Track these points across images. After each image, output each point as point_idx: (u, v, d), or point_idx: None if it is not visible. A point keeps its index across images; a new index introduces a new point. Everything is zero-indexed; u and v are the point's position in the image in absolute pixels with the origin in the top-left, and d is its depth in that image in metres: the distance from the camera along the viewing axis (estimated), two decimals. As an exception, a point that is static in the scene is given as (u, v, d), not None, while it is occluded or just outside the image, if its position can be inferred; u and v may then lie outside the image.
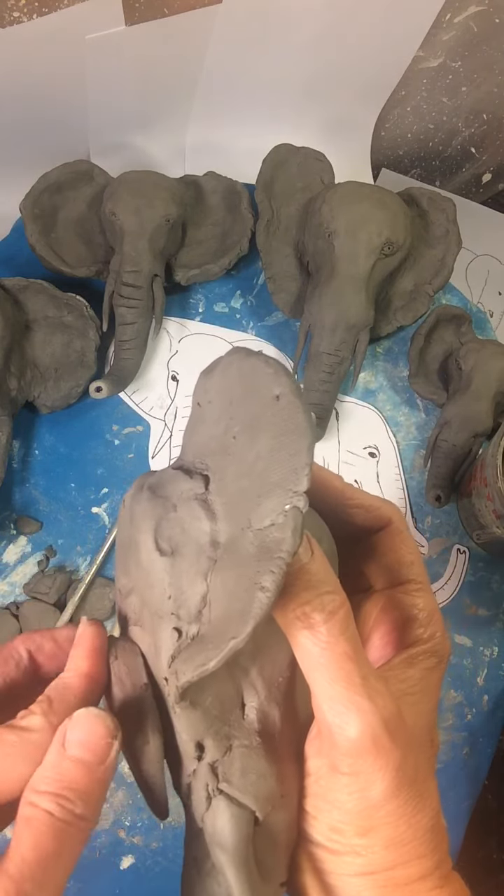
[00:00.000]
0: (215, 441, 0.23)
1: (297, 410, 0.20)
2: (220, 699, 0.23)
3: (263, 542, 0.20)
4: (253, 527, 0.20)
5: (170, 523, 0.23)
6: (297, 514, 0.19)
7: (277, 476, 0.20)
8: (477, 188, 0.83)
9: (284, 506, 0.20)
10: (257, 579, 0.19)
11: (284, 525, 0.19)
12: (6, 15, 0.50)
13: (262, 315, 0.65)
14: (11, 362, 0.56)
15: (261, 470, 0.21)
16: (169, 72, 0.61)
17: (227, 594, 0.20)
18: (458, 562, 0.61)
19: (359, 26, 0.60)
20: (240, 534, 0.21)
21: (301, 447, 0.20)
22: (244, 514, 0.21)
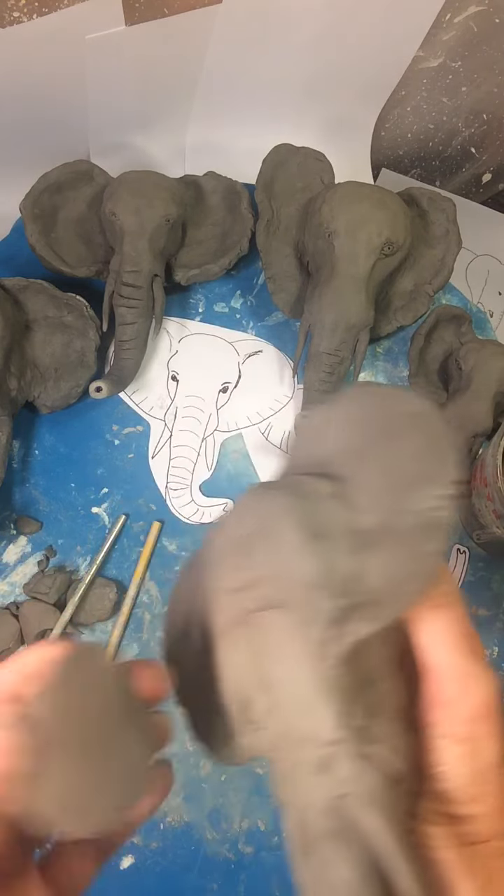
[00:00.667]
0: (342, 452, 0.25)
1: (440, 422, 0.23)
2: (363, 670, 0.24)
3: (426, 520, 0.22)
4: (409, 510, 0.23)
5: (311, 513, 0.24)
6: (452, 501, 0.23)
7: (431, 469, 0.23)
8: (477, 188, 0.83)
9: (442, 491, 0.22)
10: (427, 546, 0.22)
11: (440, 509, 0.22)
12: (6, 15, 0.50)
13: (262, 315, 0.65)
14: (11, 362, 0.56)
15: (405, 469, 0.23)
16: (169, 72, 0.61)
17: (385, 568, 0.23)
18: (458, 562, 0.61)
19: (359, 26, 0.60)
20: (393, 518, 0.23)
21: (447, 447, 0.23)
22: (396, 502, 0.23)
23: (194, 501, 0.60)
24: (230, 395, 0.63)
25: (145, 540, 0.59)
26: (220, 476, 0.61)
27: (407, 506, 0.23)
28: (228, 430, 0.62)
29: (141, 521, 0.59)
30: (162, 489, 0.60)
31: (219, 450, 0.62)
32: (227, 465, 0.61)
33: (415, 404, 0.24)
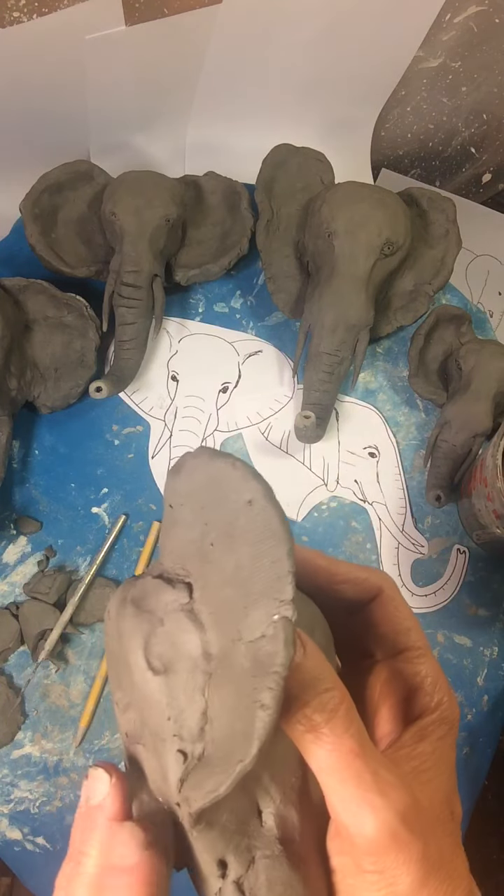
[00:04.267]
0: (193, 546, 0.22)
1: (272, 516, 0.20)
2: (236, 812, 0.22)
3: (257, 655, 0.19)
4: (244, 639, 0.20)
5: (158, 639, 0.22)
6: (288, 625, 0.19)
7: (261, 585, 0.20)
8: (477, 188, 0.83)
9: (273, 616, 0.19)
10: (256, 696, 0.19)
11: (276, 637, 0.19)
12: (6, 15, 0.50)
13: (261, 315, 0.65)
14: (11, 362, 0.56)
15: (243, 579, 0.20)
16: (169, 72, 0.61)
17: (227, 711, 0.20)
18: (458, 562, 0.61)
19: (359, 26, 0.60)
20: (231, 646, 0.20)
21: (280, 554, 0.20)
22: (233, 624, 0.20)
23: (194, 501, 0.60)
24: (230, 395, 0.63)
25: (145, 540, 0.59)
26: (220, 476, 0.61)
27: (243, 631, 0.20)
28: (228, 430, 0.62)
29: (141, 521, 0.59)
30: (162, 489, 0.60)
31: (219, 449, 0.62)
32: (227, 465, 0.61)
33: (248, 489, 0.20)
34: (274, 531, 0.20)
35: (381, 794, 0.21)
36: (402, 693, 0.26)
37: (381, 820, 0.21)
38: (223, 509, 0.21)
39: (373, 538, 0.61)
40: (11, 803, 0.53)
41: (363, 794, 0.21)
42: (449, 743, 0.25)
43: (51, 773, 0.54)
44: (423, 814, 0.22)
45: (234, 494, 0.21)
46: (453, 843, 0.23)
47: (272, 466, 0.62)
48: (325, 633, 0.26)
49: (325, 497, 0.61)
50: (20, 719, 0.54)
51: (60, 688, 0.55)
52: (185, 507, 0.23)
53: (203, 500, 0.22)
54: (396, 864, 0.21)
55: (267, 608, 0.20)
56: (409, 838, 0.21)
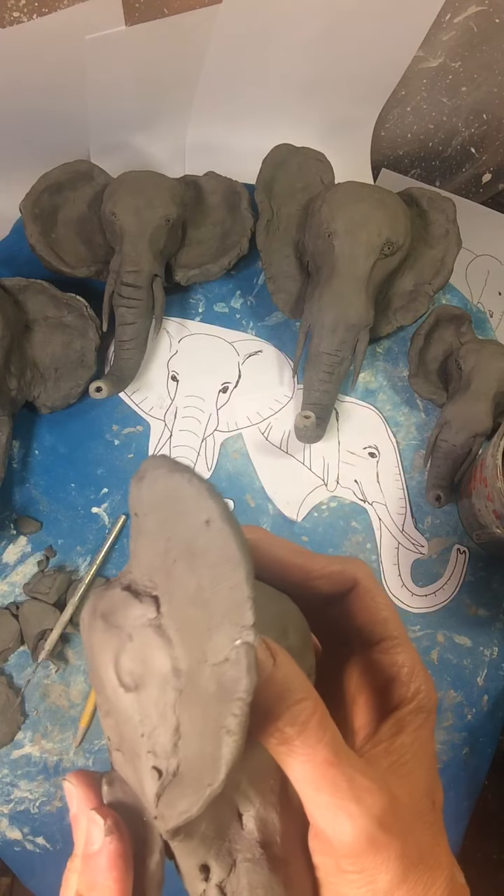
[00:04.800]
0: (158, 559, 0.22)
1: (229, 538, 0.20)
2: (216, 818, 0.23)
3: (221, 680, 0.19)
4: (209, 661, 0.20)
5: (128, 656, 0.22)
6: (250, 650, 0.19)
7: (222, 609, 0.20)
8: (477, 188, 0.83)
9: (235, 641, 0.19)
10: (222, 721, 0.19)
11: (238, 663, 0.19)
12: (6, 15, 0.50)
13: (262, 315, 0.65)
14: (11, 362, 0.56)
15: (205, 600, 0.20)
16: (169, 72, 0.61)
17: (196, 731, 0.20)
18: (458, 562, 0.61)
19: (359, 26, 0.60)
20: (197, 667, 0.20)
21: (238, 579, 0.19)
22: (198, 645, 0.20)
23: (194, 501, 0.60)
24: (230, 395, 0.63)
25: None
26: (219, 476, 0.61)
27: (208, 653, 0.20)
28: (228, 430, 0.62)
29: (141, 521, 0.59)
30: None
31: (219, 450, 0.62)
32: (227, 465, 0.61)
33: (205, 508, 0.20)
34: (230, 555, 0.19)
35: (356, 801, 0.21)
36: (380, 683, 0.26)
37: (358, 826, 0.21)
38: (183, 526, 0.21)
39: (373, 538, 0.61)
40: (11, 803, 0.53)
41: (339, 803, 0.21)
42: (427, 732, 0.25)
43: (51, 773, 0.54)
44: (401, 812, 0.22)
45: (192, 513, 0.20)
46: (434, 834, 0.24)
47: (272, 466, 0.62)
48: (300, 630, 0.26)
49: (325, 497, 0.61)
50: (20, 719, 0.54)
51: (60, 688, 0.55)
52: (149, 517, 0.22)
53: (164, 513, 0.22)
54: (375, 865, 0.21)
55: (229, 632, 0.19)
56: (387, 840, 0.21)
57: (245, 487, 0.61)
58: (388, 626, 0.27)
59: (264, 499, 0.61)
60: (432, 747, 0.25)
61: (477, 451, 0.59)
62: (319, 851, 0.23)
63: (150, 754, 0.21)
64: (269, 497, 0.61)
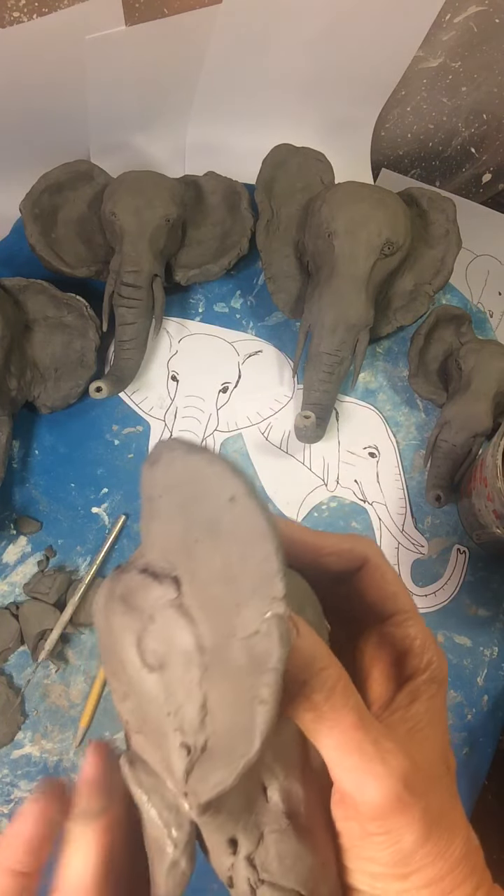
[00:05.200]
0: (177, 540, 0.22)
1: (256, 513, 0.20)
2: (242, 793, 0.23)
3: (252, 652, 0.20)
4: (238, 635, 0.20)
5: (151, 636, 0.22)
6: (281, 622, 0.19)
7: (251, 582, 0.20)
8: (477, 188, 0.83)
9: (265, 613, 0.20)
10: (255, 692, 0.19)
11: (270, 634, 0.19)
12: (6, 15, 0.50)
13: (262, 315, 0.65)
14: (11, 362, 0.56)
15: (232, 576, 0.20)
16: (169, 72, 0.61)
17: (226, 705, 0.20)
18: (458, 562, 0.61)
19: (359, 26, 0.60)
20: (225, 642, 0.20)
21: (269, 552, 0.20)
22: (225, 620, 0.21)
23: (194, 501, 0.60)
24: (230, 395, 0.63)
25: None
26: (220, 476, 0.61)
27: (235, 628, 0.20)
28: (228, 430, 0.62)
29: (141, 521, 0.59)
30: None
31: (219, 450, 0.62)
32: (227, 465, 0.61)
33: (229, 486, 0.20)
34: (260, 529, 0.20)
35: (382, 762, 0.22)
36: (392, 656, 0.27)
37: (385, 786, 0.22)
38: (204, 506, 0.21)
39: (373, 538, 0.61)
40: (11, 803, 0.53)
41: (366, 765, 0.22)
42: (440, 700, 0.26)
43: (51, 773, 0.54)
44: (421, 774, 0.23)
45: (215, 492, 0.21)
46: (451, 796, 0.25)
47: (272, 466, 0.62)
48: (315, 608, 0.26)
49: (325, 497, 0.61)
50: (20, 719, 0.54)
51: (60, 688, 0.55)
52: (165, 499, 0.23)
53: (183, 494, 0.22)
54: (401, 825, 0.22)
55: (259, 605, 0.20)
56: (411, 800, 0.22)
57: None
58: (399, 601, 0.27)
59: (264, 499, 0.61)
60: (445, 716, 0.26)
61: (477, 451, 0.59)
62: (344, 817, 0.24)
63: (177, 732, 0.21)
64: (269, 497, 0.61)
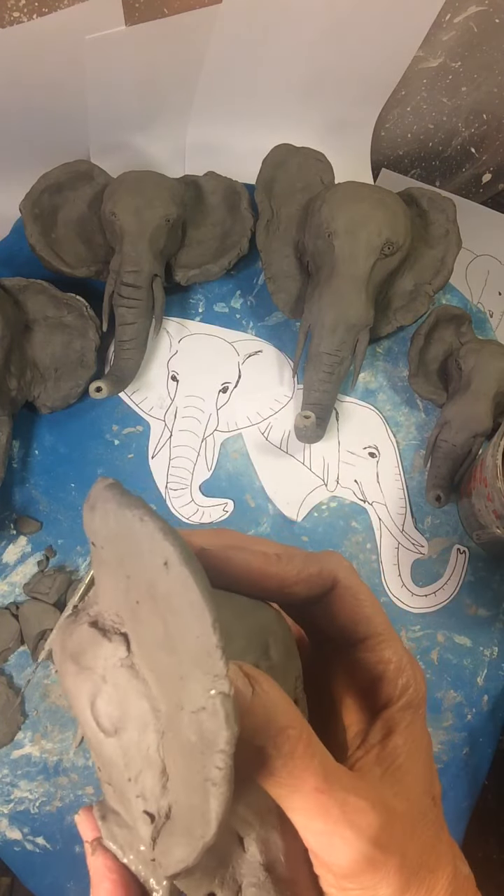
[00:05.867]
0: (122, 596, 0.21)
1: (188, 583, 0.18)
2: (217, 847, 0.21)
3: (200, 729, 0.19)
4: (186, 709, 0.19)
5: (104, 699, 0.21)
6: (226, 700, 0.18)
7: (192, 656, 0.19)
8: (477, 188, 0.83)
9: (209, 690, 0.18)
10: (206, 774, 0.18)
11: (215, 714, 0.18)
12: (6, 15, 0.50)
13: (262, 315, 0.65)
14: (11, 362, 0.56)
15: (173, 646, 0.19)
16: (169, 72, 0.61)
17: (181, 778, 0.19)
18: (458, 562, 0.61)
19: (359, 26, 0.60)
20: (175, 713, 0.19)
21: (203, 627, 0.18)
22: (173, 691, 0.19)
23: (194, 501, 0.60)
24: (230, 395, 0.63)
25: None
26: (219, 476, 0.61)
27: (184, 701, 0.19)
28: (228, 430, 0.62)
29: (141, 521, 0.59)
30: (162, 489, 0.60)
31: (219, 450, 0.62)
32: (227, 465, 0.61)
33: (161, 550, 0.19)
34: (192, 601, 0.18)
35: (349, 825, 0.21)
36: (366, 682, 0.26)
37: (354, 850, 0.21)
38: (141, 566, 0.20)
39: (373, 538, 0.61)
40: (11, 803, 0.53)
41: (332, 829, 0.21)
42: (419, 727, 0.25)
43: (51, 773, 0.54)
44: (399, 822, 0.22)
45: (149, 554, 0.19)
46: (435, 832, 0.24)
47: (272, 466, 0.62)
48: (282, 640, 0.25)
49: (325, 497, 0.61)
50: (20, 719, 0.54)
51: (60, 688, 0.55)
52: (107, 549, 0.21)
53: (121, 550, 0.20)
54: (375, 882, 0.21)
55: (201, 681, 0.19)
56: (384, 858, 0.21)
57: (245, 487, 0.61)
58: (372, 623, 0.26)
59: (264, 499, 0.61)
60: (426, 740, 0.25)
61: (477, 451, 0.59)
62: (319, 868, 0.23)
63: (139, 798, 0.20)
64: (269, 497, 0.61)
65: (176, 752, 0.20)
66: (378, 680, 0.26)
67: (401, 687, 0.25)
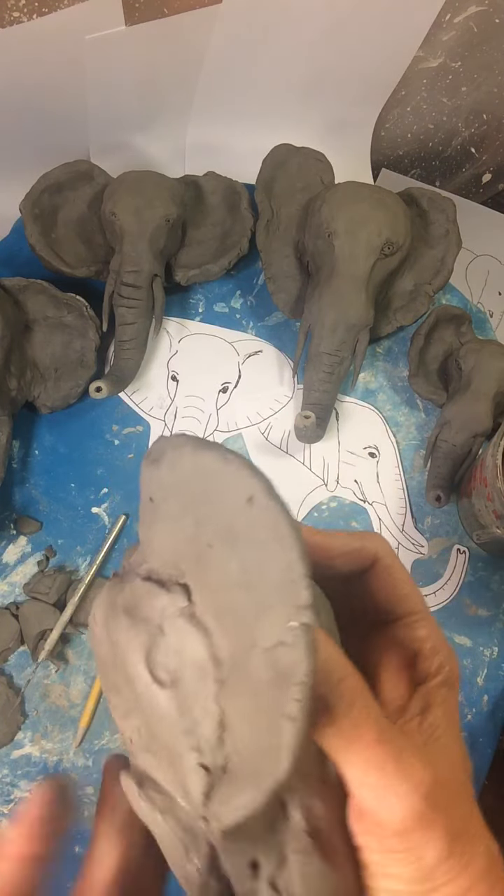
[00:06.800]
0: (185, 545, 0.21)
1: (277, 516, 0.18)
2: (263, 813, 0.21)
3: (276, 665, 0.18)
4: (259, 646, 0.19)
5: (160, 651, 0.20)
6: (308, 632, 0.18)
7: (273, 590, 0.18)
8: (477, 188, 0.83)
9: (290, 622, 0.18)
10: (281, 708, 0.18)
11: (296, 646, 0.18)
12: (6, 15, 0.50)
13: (261, 315, 0.65)
14: (11, 362, 0.56)
15: (251, 583, 0.19)
16: (169, 72, 0.61)
17: (247, 722, 0.19)
18: (458, 562, 0.61)
19: (359, 26, 0.60)
20: (244, 654, 0.19)
21: (292, 557, 0.18)
22: (244, 630, 0.19)
23: (194, 501, 0.60)
24: (230, 395, 0.63)
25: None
26: (220, 476, 0.61)
27: (258, 638, 0.19)
28: (228, 430, 0.62)
29: (141, 521, 0.59)
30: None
31: (219, 450, 0.62)
32: (227, 465, 0.61)
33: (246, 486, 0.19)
34: (282, 533, 0.18)
35: (404, 779, 0.21)
36: (404, 659, 0.27)
37: (407, 804, 0.21)
38: (218, 508, 0.19)
39: (373, 538, 0.61)
40: (11, 803, 0.53)
41: (387, 783, 0.21)
42: (453, 704, 0.25)
43: (51, 773, 0.54)
44: (444, 786, 0.22)
45: (230, 492, 0.19)
46: (470, 804, 0.24)
47: (272, 466, 0.62)
48: (328, 611, 0.25)
49: (325, 497, 0.61)
50: (20, 719, 0.54)
51: (60, 688, 0.55)
52: (170, 501, 0.21)
53: (191, 495, 0.20)
54: (423, 841, 0.21)
55: (282, 614, 0.18)
56: (434, 816, 0.21)
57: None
58: (410, 602, 0.27)
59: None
60: (458, 718, 0.26)
61: (477, 451, 0.59)
62: (364, 832, 0.23)
63: (193, 751, 0.20)
64: (269, 497, 0.61)
65: (240, 696, 0.19)
66: (415, 656, 0.26)
67: (437, 664, 0.26)
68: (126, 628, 0.21)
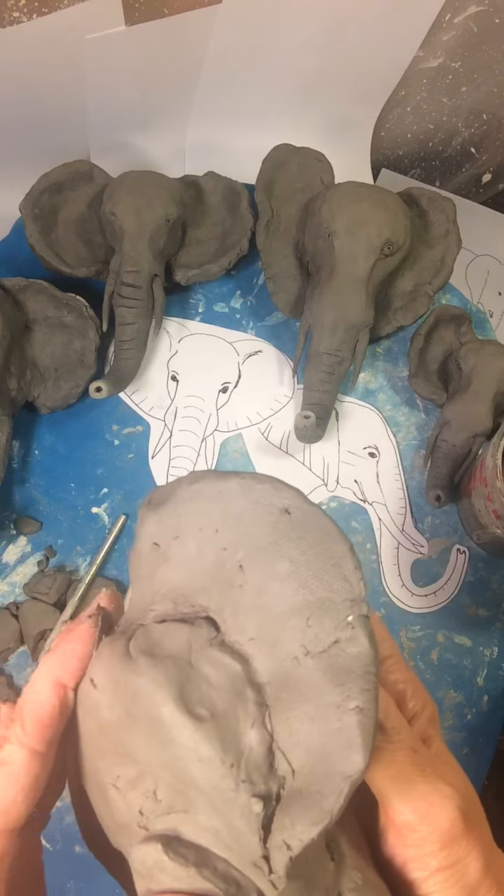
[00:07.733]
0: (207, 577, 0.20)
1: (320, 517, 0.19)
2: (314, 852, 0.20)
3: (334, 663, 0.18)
4: (311, 652, 0.18)
5: (194, 685, 0.19)
6: (367, 623, 0.18)
7: (322, 590, 0.18)
8: (477, 188, 0.83)
9: (346, 618, 0.18)
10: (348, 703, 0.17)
11: (357, 638, 0.18)
12: (6, 15, 0.50)
13: (261, 315, 0.65)
14: (11, 362, 0.56)
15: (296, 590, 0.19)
16: (169, 72, 0.61)
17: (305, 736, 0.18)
18: (458, 562, 0.61)
19: (359, 26, 0.60)
20: (292, 666, 0.19)
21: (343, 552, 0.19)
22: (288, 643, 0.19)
23: (194, 501, 0.60)
24: (230, 395, 0.63)
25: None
26: (220, 476, 0.61)
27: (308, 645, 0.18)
28: (228, 430, 0.62)
29: (141, 521, 0.59)
30: (162, 489, 0.60)
31: (219, 450, 0.62)
32: (227, 465, 0.61)
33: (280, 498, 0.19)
34: (328, 531, 0.19)
35: (447, 783, 0.21)
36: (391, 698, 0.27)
37: (455, 807, 0.21)
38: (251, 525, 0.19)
39: (373, 538, 0.61)
40: (11, 803, 0.53)
41: (431, 789, 0.21)
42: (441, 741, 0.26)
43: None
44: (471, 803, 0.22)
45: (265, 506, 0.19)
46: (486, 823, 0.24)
47: (272, 466, 0.62)
48: None
49: (325, 497, 0.61)
50: (20, 719, 0.54)
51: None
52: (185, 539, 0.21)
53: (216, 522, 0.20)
54: (466, 853, 0.21)
55: (336, 612, 0.18)
56: (472, 825, 0.21)
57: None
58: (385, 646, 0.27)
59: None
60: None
61: (477, 451, 0.59)
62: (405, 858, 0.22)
63: (245, 784, 0.19)
64: (269, 497, 0.61)
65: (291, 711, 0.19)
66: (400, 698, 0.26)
67: (420, 703, 0.26)
68: (148, 668, 0.20)
